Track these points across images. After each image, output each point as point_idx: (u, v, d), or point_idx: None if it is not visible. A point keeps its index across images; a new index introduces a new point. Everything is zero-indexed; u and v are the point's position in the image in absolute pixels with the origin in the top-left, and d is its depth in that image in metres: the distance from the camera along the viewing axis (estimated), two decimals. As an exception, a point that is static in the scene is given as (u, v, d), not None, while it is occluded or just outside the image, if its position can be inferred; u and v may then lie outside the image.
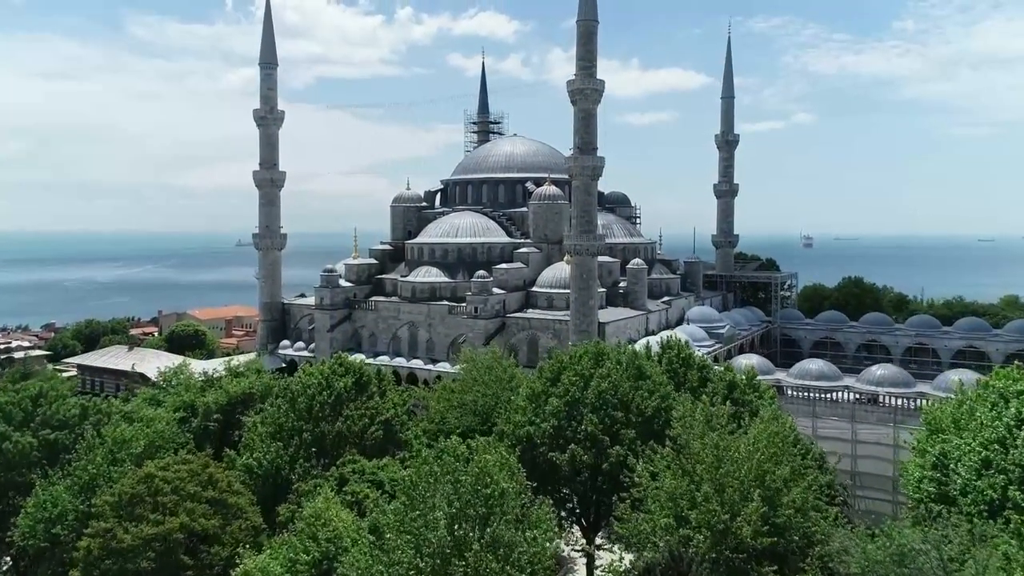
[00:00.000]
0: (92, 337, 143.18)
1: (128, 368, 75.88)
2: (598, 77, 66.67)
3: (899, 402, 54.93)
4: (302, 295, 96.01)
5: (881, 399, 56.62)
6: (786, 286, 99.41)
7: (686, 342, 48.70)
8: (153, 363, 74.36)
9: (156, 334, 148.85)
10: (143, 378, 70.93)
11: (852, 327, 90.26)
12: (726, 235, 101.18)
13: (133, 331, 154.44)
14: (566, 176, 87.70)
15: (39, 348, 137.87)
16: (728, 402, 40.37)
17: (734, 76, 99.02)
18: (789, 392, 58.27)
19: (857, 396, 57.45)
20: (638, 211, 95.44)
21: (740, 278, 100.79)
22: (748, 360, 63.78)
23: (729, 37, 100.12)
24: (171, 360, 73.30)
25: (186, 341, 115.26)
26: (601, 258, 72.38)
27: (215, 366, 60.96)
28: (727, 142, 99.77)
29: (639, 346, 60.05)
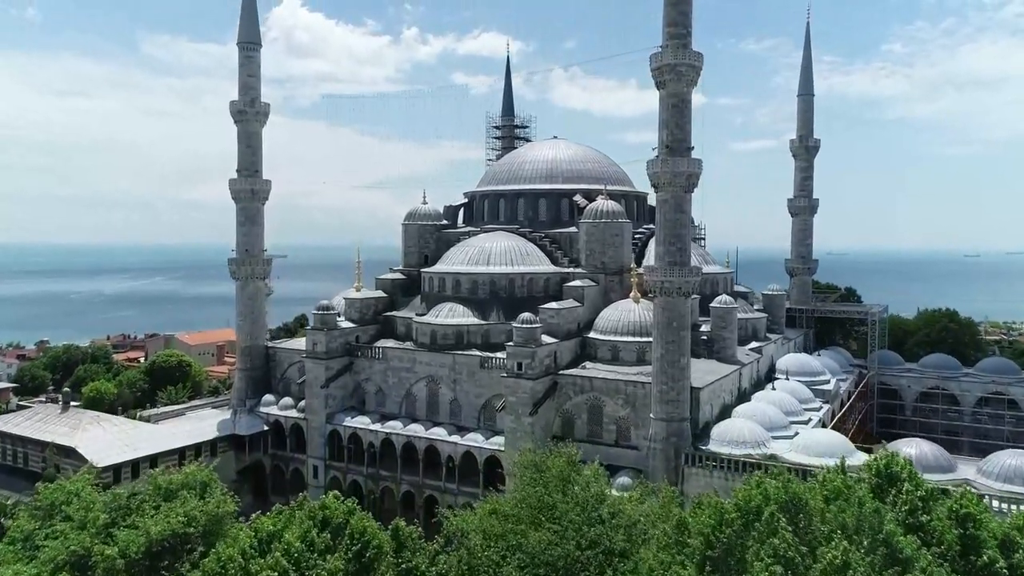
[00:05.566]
0: (69, 366, 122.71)
1: (57, 438, 53.93)
2: (694, 49, 45.56)
3: None
4: (303, 319, 74.80)
5: None
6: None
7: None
8: (90, 431, 53.22)
9: (142, 360, 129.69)
10: (74, 455, 49.93)
11: (969, 376, 69.38)
12: (804, 260, 79.51)
13: (117, 357, 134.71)
14: (624, 188, 67.09)
15: (4, 380, 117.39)
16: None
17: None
18: (994, 504, 37.38)
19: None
20: (703, 231, 72.99)
21: (824, 312, 79.02)
22: (914, 449, 42.70)
23: (808, 23, 78.77)
24: (111, 429, 52.43)
25: (169, 373, 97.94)
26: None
27: (162, 442, 40.52)
28: (806, 148, 78.09)
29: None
